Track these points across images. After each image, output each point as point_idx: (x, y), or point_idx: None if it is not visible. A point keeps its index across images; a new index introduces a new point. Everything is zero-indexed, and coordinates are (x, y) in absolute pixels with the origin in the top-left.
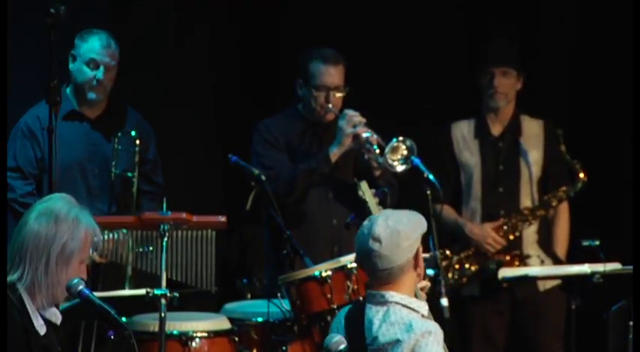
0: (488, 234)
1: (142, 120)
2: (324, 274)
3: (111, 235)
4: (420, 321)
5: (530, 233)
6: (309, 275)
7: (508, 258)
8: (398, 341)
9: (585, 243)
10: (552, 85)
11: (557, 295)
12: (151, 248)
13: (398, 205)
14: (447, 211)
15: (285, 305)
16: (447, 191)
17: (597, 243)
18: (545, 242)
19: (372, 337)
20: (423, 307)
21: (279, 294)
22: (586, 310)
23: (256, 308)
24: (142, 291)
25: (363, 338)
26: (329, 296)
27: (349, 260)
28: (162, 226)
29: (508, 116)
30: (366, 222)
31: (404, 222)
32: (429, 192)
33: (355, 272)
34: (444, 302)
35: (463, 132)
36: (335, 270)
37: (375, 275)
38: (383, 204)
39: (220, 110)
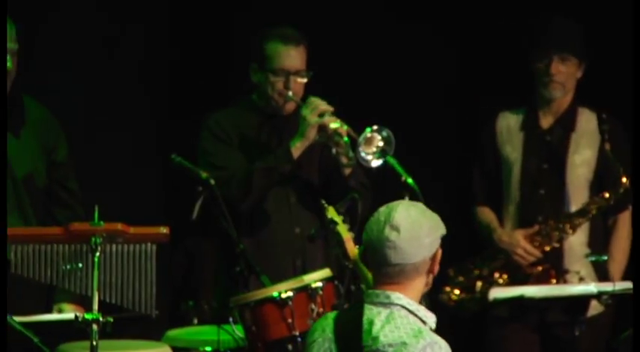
0: (517, 243)
1: (47, 114)
2: (284, 295)
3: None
4: (430, 332)
5: (576, 245)
6: (266, 296)
7: (540, 268)
8: (404, 344)
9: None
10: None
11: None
12: (80, 265)
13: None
14: (483, 213)
15: (239, 331)
16: (486, 190)
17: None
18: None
19: (371, 337)
20: (431, 319)
21: (230, 319)
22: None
23: (204, 336)
24: (70, 315)
25: (359, 339)
26: (290, 321)
27: (314, 279)
28: (93, 239)
29: (563, 107)
30: (382, 208)
31: (427, 215)
32: (407, 198)
33: (321, 292)
34: None
35: (510, 123)
36: (297, 291)
37: (382, 272)
38: (353, 211)
39: (159, 102)
